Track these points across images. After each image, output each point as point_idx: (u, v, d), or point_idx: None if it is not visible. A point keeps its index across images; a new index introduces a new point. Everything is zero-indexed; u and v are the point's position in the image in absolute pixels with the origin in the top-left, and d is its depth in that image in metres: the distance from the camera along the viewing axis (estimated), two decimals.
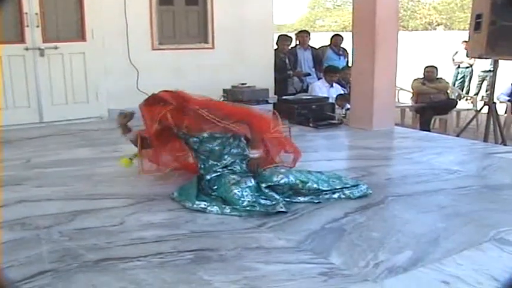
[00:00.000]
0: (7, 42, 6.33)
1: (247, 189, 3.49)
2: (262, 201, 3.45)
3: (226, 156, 3.84)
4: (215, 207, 3.45)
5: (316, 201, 3.59)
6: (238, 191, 3.47)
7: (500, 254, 2.78)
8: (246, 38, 8.14)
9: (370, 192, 3.76)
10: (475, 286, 2.42)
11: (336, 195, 3.66)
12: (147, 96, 3.99)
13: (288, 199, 3.53)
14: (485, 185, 4.08)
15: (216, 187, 3.65)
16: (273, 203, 3.42)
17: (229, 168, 3.80)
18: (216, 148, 3.83)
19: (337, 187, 3.69)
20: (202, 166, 3.85)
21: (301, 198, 3.59)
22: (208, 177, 3.74)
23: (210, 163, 3.83)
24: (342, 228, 3.14)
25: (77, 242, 2.95)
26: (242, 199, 3.43)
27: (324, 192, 3.64)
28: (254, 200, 3.43)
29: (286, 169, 3.78)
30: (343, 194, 3.68)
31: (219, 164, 3.81)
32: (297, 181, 3.57)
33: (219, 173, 3.74)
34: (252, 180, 3.57)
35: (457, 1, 46.78)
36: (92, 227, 3.19)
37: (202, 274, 2.55)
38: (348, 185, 3.73)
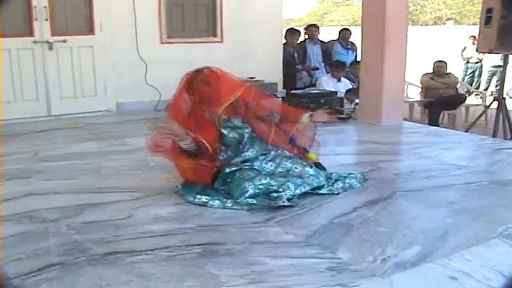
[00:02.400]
0: (16, 36, 6.35)
1: (260, 186, 3.48)
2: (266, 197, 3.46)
3: (248, 148, 3.78)
4: (217, 201, 3.45)
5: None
6: (251, 187, 3.47)
7: (508, 250, 2.78)
8: (254, 32, 8.12)
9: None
10: (483, 282, 2.41)
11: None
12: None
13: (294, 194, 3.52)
14: (494, 181, 4.05)
15: (229, 180, 3.62)
16: (276, 196, 3.42)
17: (248, 164, 3.72)
18: (242, 137, 3.78)
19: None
20: (222, 157, 3.76)
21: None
22: (227, 170, 3.67)
23: (229, 154, 3.77)
24: (350, 223, 3.14)
25: (84, 235, 2.96)
26: (248, 192, 3.44)
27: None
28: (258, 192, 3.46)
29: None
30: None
31: (238, 156, 3.75)
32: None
33: (238, 168, 3.67)
34: (268, 178, 3.55)
35: None
36: (100, 220, 3.20)
37: (210, 268, 2.55)
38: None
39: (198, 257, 2.69)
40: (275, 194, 3.43)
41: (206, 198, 3.47)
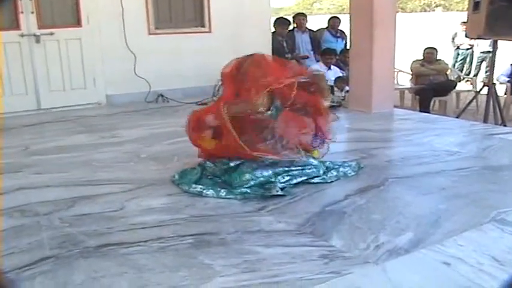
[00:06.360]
0: (2, 29, 6.28)
1: (261, 178, 3.49)
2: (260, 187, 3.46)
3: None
4: (211, 190, 3.45)
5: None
6: (253, 179, 3.48)
7: (501, 235, 2.78)
8: (243, 22, 8.08)
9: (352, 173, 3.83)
10: (476, 267, 2.42)
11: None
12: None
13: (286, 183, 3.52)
14: (486, 166, 4.07)
15: (232, 171, 3.60)
16: (269, 186, 3.43)
17: None
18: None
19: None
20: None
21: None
22: (232, 164, 3.63)
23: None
24: (343, 210, 3.14)
25: (77, 228, 2.95)
26: (249, 184, 3.46)
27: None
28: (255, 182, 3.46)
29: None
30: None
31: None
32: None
33: (244, 160, 3.63)
34: (270, 170, 3.54)
35: None
36: (92, 212, 3.18)
37: (203, 258, 2.55)
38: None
39: (190, 247, 2.68)
40: (269, 185, 3.44)
41: (201, 188, 3.48)
